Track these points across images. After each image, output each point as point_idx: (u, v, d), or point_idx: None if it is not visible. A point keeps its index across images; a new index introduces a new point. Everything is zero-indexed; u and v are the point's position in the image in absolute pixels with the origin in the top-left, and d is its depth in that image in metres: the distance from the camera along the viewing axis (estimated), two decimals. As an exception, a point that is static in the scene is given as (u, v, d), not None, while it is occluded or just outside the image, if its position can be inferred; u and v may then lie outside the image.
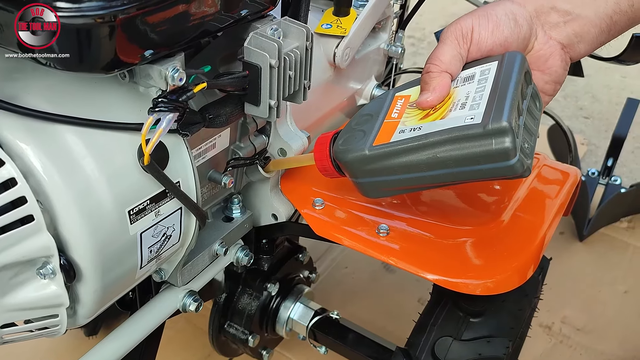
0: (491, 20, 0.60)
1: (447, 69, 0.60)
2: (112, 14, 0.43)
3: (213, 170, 0.70)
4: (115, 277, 0.55)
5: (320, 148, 0.65)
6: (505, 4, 0.62)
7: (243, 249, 0.80)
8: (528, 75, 0.61)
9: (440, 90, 0.60)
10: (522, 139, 0.56)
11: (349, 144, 0.61)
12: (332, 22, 0.83)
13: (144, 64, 0.50)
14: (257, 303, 0.99)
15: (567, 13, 0.62)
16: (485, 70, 0.60)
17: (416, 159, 0.57)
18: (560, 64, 0.64)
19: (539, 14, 0.62)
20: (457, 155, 0.55)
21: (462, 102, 0.58)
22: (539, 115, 0.62)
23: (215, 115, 0.58)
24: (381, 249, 0.71)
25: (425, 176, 0.58)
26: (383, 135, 0.60)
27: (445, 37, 0.61)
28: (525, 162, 0.55)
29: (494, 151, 0.53)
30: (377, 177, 0.60)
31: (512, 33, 0.60)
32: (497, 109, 0.54)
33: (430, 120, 0.58)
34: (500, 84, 0.57)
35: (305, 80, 0.63)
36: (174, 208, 0.58)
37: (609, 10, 0.61)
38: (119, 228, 0.53)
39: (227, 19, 0.56)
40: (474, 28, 0.60)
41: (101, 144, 0.51)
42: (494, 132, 0.53)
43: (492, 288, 0.69)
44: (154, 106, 0.51)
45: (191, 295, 0.73)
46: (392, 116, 0.62)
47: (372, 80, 0.98)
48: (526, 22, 0.61)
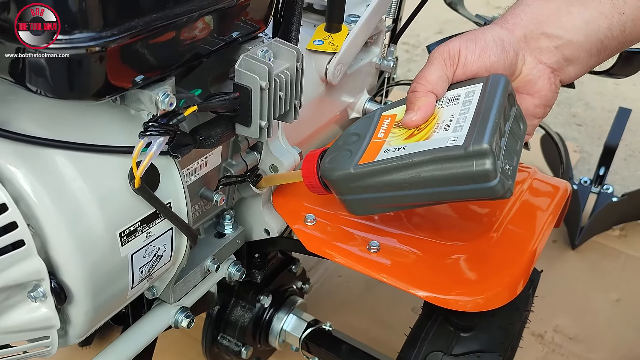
0: (478, 45, 0.61)
1: (432, 89, 0.61)
2: (102, 45, 0.44)
3: (205, 188, 0.70)
4: (107, 298, 0.55)
5: (307, 165, 0.66)
6: (494, 29, 0.62)
7: (235, 264, 0.80)
8: (512, 98, 0.61)
9: (425, 110, 0.60)
10: (503, 160, 0.57)
11: (335, 163, 0.62)
12: (323, 39, 0.83)
13: (134, 89, 0.51)
14: (250, 315, 0.99)
15: (558, 38, 0.62)
16: (470, 92, 0.61)
17: (400, 177, 0.58)
18: (549, 88, 0.65)
19: (527, 40, 0.63)
20: (439, 176, 0.56)
21: (446, 123, 0.59)
22: (522, 137, 0.63)
23: (206, 137, 0.59)
24: (372, 265, 0.72)
25: (409, 195, 0.59)
26: (369, 155, 0.61)
27: (432, 58, 0.62)
28: (506, 184, 0.56)
29: (474, 172, 0.54)
30: (362, 194, 0.61)
31: (498, 59, 0.61)
32: (479, 131, 0.55)
33: (415, 140, 0.59)
34: (483, 106, 0.57)
35: (296, 100, 0.64)
36: (165, 228, 0.59)
37: (601, 35, 0.61)
38: (110, 250, 0.53)
39: (218, 42, 0.56)
40: (461, 51, 0.61)
41: (92, 167, 0.52)
42: (474, 154, 0.54)
43: (482, 304, 0.70)
44: (144, 130, 0.51)
45: (183, 312, 0.73)
46: (378, 136, 0.63)
47: (364, 94, 0.99)
48: (513, 49, 0.62)
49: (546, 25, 0.62)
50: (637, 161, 1.97)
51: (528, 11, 0.63)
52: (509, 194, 0.57)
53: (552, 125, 2.10)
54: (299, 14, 0.68)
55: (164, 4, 0.47)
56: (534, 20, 0.62)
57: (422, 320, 0.83)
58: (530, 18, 0.62)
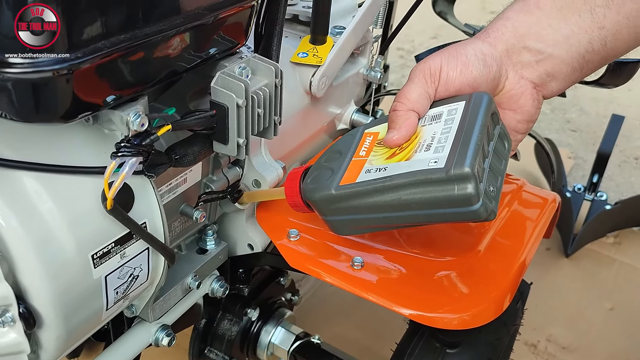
0: (460, 61, 0.60)
1: (413, 108, 0.60)
2: (69, 68, 0.43)
3: (185, 205, 0.69)
4: (79, 320, 0.54)
5: (290, 184, 0.65)
6: (475, 44, 0.61)
7: (218, 279, 0.79)
8: (495, 116, 0.60)
9: (406, 128, 0.59)
10: (487, 182, 0.56)
11: (316, 183, 0.61)
12: (308, 51, 0.82)
13: (105, 109, 0.50)
14: (238, 328, 0.98)
15: (540, 52, 0.61)
16: (452, 110, 0.60)
17: (381, 200, 0.57)
18: (532, 104, 0.63)
19: (510, 54, 0.62)
20: (421, 199, 0.55)
21: (428, 143, 0.58)
22: (506, 156, 0.62)
23: (182, 155, 0.58)
24: (355, 282, 0.71)
25: (391, 216, 0.58)
26: (350, 175, 0.60)
27: (413, 76, 0.61)
28: (489, 207, 0.55)
29: (456, 196, 0.53)
30: (344, 215, 0.61)
31: (480, 74, 0.60)
32: (460, 153, 0.54)
33: (396, 160, 0.58)
34: (465, 126, 0.56)
35: (275, 116, 0.63)
36: (141, 249, 0.58)
37: (582, 49, 0.60)
38: (82, 273, 0.52)
39: (193, 60, 0.55)
40: (442, 67, 0.60)
41: (63, 189, 0.51)
42: (456, 178, 0.53)
43: (468, 321, 0.69)
44: (116, 151, 0.50)
45: (164, 330, 0.72)
46: (360, 154, 0.62)
47: (351, 105, 0.98)
48: (495, 63, 0.61)
49: (527, 39, 0.61)
50: (632, 167, 1.96)
51: (509, 25, 0.62)
52: (493, 216, 0.56)
53: (546, 130, 2.10)
54: (280, 28, 0.67)
55: (133, 24, 0.46)
56: (515, 34, 0.61)
57: (408, 336, 0.82)
58: (512, 32, 0.61)
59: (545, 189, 0.94)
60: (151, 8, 0.47)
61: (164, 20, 0.49)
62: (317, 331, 1.01)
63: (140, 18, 0.46)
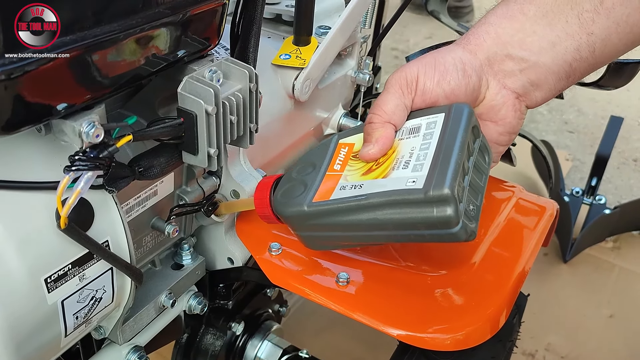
0: (437, 70, 0.56)
1: (390, 120, 0.56)
2: (8, 72, 0.38)
3: (156, 218, 0.64)
4: (34, 350, 0.50)
5: (260, 195, 0.60)
6: (455, 52, 0.57)
7: (196, 296, 0.74)
8: (476, 130, 0.56)
9: (383, 142, 0.55)
10: (466, 201, 0.52)
11: (288, 197, 0.57)
12: (291, 52, 0.78)
13: (56, 118, 0.45)
14: (222, 342, 0.94)
15: (523, 60, 0.57)
16: (431, 123, 0.56)
17: (356, 219, 0.53)
18: (513, 115, 0.59)
19: (491, 63, 0.58)
20: (398, 220, 0.51)
21: (406, 159, 0.54)
22: (487, 170, 0.58)
23: (147, 167, 0.53)
24: (340, 299, 0.66)
25: (366, 235, 0.55)
26: (324, 191, 0.56)
27: (389, 86, 0.57)
28: (469, 228, 0.51)
29: (435, 219, 0.50)
30: (317, 232, 0.57)
31: (458, 84, 0.56)
32: (440, 173, 0.50)
33: (373, 177, 0.54)
34: (445, 143, 0.53)
35: (251, 124, 0.58)
36: (103, 269, 0.53)
37: (569, 57, 0.56)
38: (34, 299, 0.47)
39: (158, 64, 0.50)
40: (419, 77, 0.56)
41: (10, 206, 0.46)
42: (435, 200, 0.49)
43: (462, 341, 0.64)
44: (70, 164, 0.45)
45: (136, 351, 0.67)
46: (334, 168, 0.58)
47: (339, 109, 0.93)
48: (475, 73, 0.57)
49: (511, 47, 0.57)
50: (630, 169, 1.92)
51: (491, 31, 0.58)
52: (473, 237, 0.53)
53: (543, 132, 2.06)
54: (258, 28, 0.63)
55: (83, 23, 0.41)
56: (497, 41, 0.57)
57: (398, 354, 0.77)
58: (494, 39, 0.57)
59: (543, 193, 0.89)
60: (103, 6, 0.42)
61: (119, 19, 0.44)
62: (308, 341, 0.97)
63: (90, 17, 0.41)
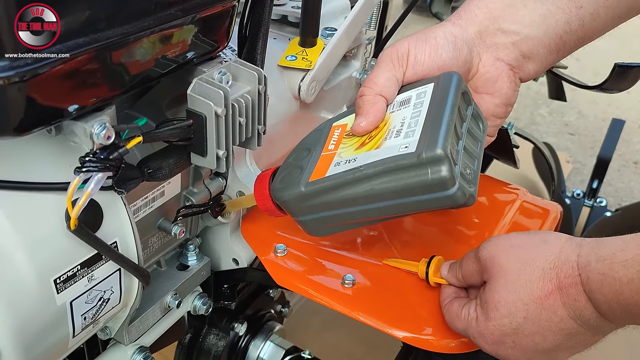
0: (429, 44, 0.57)
1: (381, 92, 0.57)
2: (22, 74, 0.38)
3: (163, 219, 0.64)
4: (42, 350, 0.50)
5: (259, 187, 0.60)
6: (446, 27, 0.59)
7: (201, 296, 0.74)
8: (467, 96, 0.57)
9: (374, 114, 0.56)
10: (462, 164, 0.52)
11: (285, 182, 0.57)
12: (297, 54, 0.78)
13: (67, 120, 0.45)
14: (224, 343, 0.94)
15: (516, 33, 0.58)
16: (421, 93, 0.56)
17: (353, 192, 0.53)
18: (509, 86, 0.61)
19: (482, 36, 0.59)
20: (394, 187, 0.51)
21: (398, 129, 0.54)
22: (482, 137, 0.58)
23: (156, 169, 0.53)
24: (346, 301, 0.66)
25: (366, 209, 0.54)
26: (319, 170, 0.55)
27: (380, 60, 0.58)
28: (467, 190, 0.51)
29: (430, 181, 0.49)
30: (317, 214, 0.56)
31: (450, 57, 0.57)
32: (431, 135, 0.50)
33: (366, 150, 0.54)
34: (435, 107, 0.53)
35: (259, 125, 0.58)
36: (111, 270, 0.53)
37: (559, 30, 0.58)
38: (43, 300, 0.47)
39: (168, 65, 0.50)
40: (409, 51, 0.57)
41: (20, 207, 0.46)
42: (428, 161, 0.49)
43: (467, 343, 0.64)
44: (81, 165, 0.45)
45: (141, 352, 0.67)
46: (328, 148, 0.58)
47: (343, 110, 0.93)
48: (466, 46, 0.58)
49: (502, 20, 0.58)
50: (631, 172, 1.92)
51: (482, 6, 0.59)
52: (472, 201, 0.52)
53: (544, 134, 2.06)
54: (266, 30, 0.63)
55: (95, 26, 0.41)
56: (489, 16, 0.58)
57: (402, 355, 0.77)
58: (485, 13, 0.59)
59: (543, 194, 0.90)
60: (116, 9, 0.42)
61: (131, 22, 0.44)
62: (310, 341, 0.97)
63: (103, 19, 0.41)
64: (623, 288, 0.46)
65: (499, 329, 0.54)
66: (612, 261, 0.48)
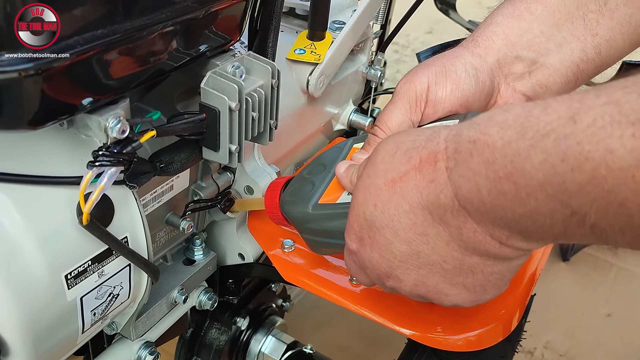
0: (449, 78, 0.54)
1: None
2: (37, 68, 0.37)
3: (171, 213, 0.64)
4: (51, 346, 0.49)
5: (270, 194, 0.59)
6: (464, 57, 0.56)
7: (206, 291, 0.74)
8: None
9: None
10: None
11: (295, 196, 0.56)
12: (305, 47, 0.77)
13: (81, 113, 0.44)
14: (226, 337, 0.93)
15: (533, 62, 0.56)
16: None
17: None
18: None
19: (501, 65, 0.57)
20: None
21: None
22: None
23: (168, 163, 0.52)
24: (353, 298, 0.66)
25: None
26: (331, 192, 0.53)
27: (396, 97, 0.55)
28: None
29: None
30: (319, 237, 0.54)
31: (473, 92, 0.54)
32: None
33: None
34: None
35: (271, 120, 0.58)
36: (121, 266, 0.52)
37: (575, 58, 0.56)
38: (54, 295, 0.47)
39: (182, 57, 0.50)
40: (430, 87, 0.54)
41: (32, 202, 0.45)
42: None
43: (474, 342, 0.64)
44: (94, 159, 0.45)
45: (147, 347, 0.67)
46: None
47: (349, 104, 0.92)
48: (488, 78, 0.56)
49: (520, 47, 0.56)
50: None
51: (499, 31, 0.57)
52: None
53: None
54: (277, 23, 0.62)
55: (111, 18, 0.40)
56: (506, 42, 0.56)
57: (408, 353, 0.77)
58: (503, 40, 0.56)
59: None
60: (130, 2, 0.41)
61: (147, 14, 0.43)
62: (308, 335, 0.96)
63: (120, 11, 0.41)
64: (496, 155, 0.34)
65: (356, 220, 0.45)
66: (487, 124, 0.36)
